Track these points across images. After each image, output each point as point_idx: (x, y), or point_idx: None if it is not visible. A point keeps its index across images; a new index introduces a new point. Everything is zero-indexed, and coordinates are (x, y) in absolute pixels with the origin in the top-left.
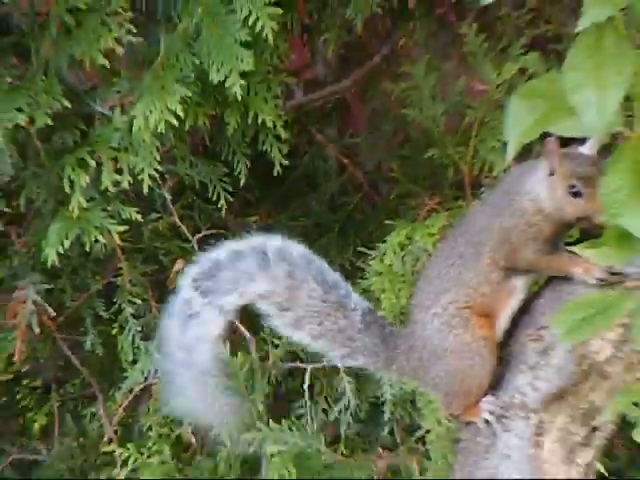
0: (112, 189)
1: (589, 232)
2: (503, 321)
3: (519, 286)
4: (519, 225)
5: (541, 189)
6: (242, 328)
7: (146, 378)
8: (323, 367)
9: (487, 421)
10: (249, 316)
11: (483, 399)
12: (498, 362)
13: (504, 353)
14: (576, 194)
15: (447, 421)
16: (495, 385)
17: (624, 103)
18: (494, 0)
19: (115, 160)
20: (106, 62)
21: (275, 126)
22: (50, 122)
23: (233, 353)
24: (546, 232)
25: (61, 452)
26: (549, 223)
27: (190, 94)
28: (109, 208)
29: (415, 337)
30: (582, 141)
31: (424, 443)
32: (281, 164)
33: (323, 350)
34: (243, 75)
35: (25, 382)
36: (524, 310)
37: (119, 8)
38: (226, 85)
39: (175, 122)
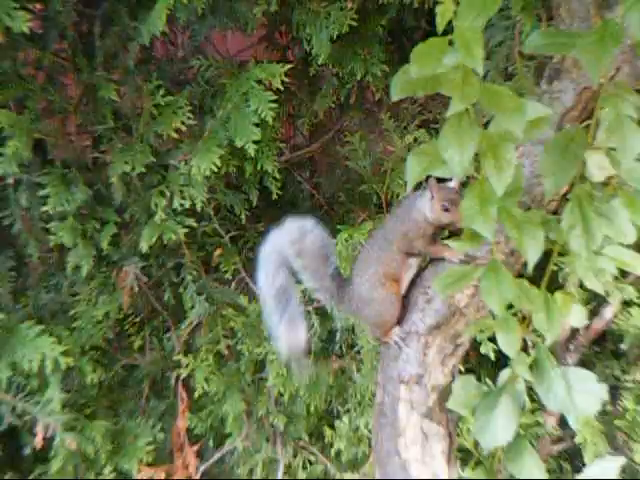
0: (179, 208)
1: (454, 232)
2: (405, 283)
3: (414, 263)
4: (414, 228)
5: (426, 207)
6: (254, 287)
7: (199, 317)
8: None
9: (396, 342)
10: None
11: (393, 329)
12: (402, 307)
13: (406, 302)
14: (446, 210)
15: (373, 341)
16: (400, 320)
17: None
18: (399, 98)
19: (181, 192)
20: (176, 135)
21: (273, 171)
22: (143, 170)
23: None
24: (429, 232)
25: (150, 360)
26: (431, 227)
27: (224, 153)
28: (177, 219)
29: (354, 291)
30: (450, 180)
31: (360, 354)
32: (277, 193)
33: (305, 281)
34: (255, 142)
35: (129, 319)
36: (417, 276)
37: (183, 105)
38: (245, 148)
39: (215, 169)
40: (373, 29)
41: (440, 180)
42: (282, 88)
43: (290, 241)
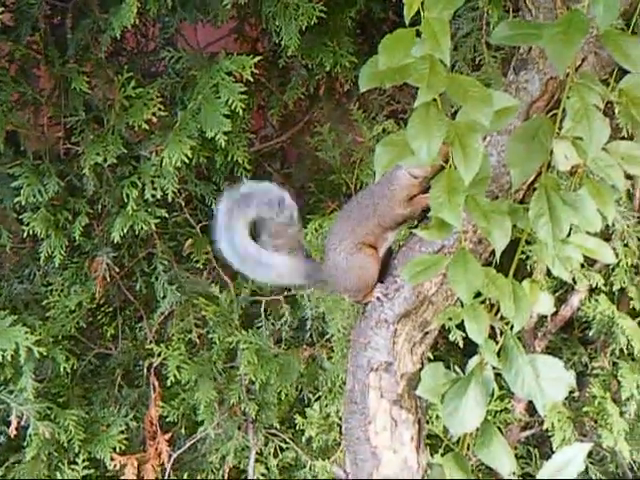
0: (151, 199)
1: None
2: (381, 252)
3: (390, 237)
4: (399, 193)
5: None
6: (224, 276)
7: (171, 306)
8: (273, 299)
9: (378, 298)
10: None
11: (375, 288)
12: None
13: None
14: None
15: (343, 329)
16: (380, 278)
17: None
18: (368, 89)
19: (152, 182)
20: (147, 127)
21: (244, 162)
22: (115, 161)
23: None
24: (415, 192)
25: (122, 348)
26: (417, 185)
27: (194, 144)
28: (149, 210)
29: (329, 264)
30: None
31: (330, 342)
32: None
33: (278, 263)
34: (225, 133)
35: (102, 309)
36: (386, 264)
37: (154, 96)
38: (216, 139)
39: (187, 160)
40: (342, 21)
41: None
42: (252, 79)
43: (270, 214)
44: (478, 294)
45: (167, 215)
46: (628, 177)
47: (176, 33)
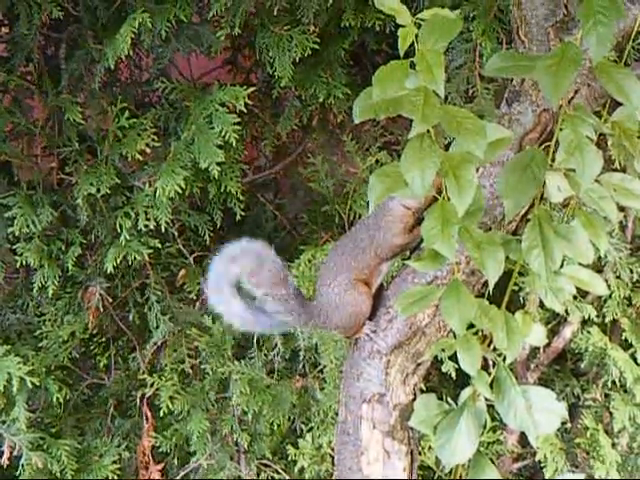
0: (144, 229)
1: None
2: (375, 287)
3: (384, 269)
4: (393, 225)
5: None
6: None
7: (164, 336)
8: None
9: (367, 334)
10: None
11: (364, 325)
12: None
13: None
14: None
15: (336, 360)
16: (370, 315)
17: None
18: (361, 120)
19: (145, 212)
20: (140, 157)
21: (237, 192)
22: (108, 191)
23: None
24: (411, 222)
25: (115, 379)
26: (412, 216)
27: (188, 175)
28: (142, 240)
29: (321, 301)
30: None
31: (323, 373)
32: (240, 214)
33: (271, 308)
34: (219, 164)
35: (95, 339)
36: (378, 296)
37: (147, 127)
38: (209, 169)
39: (180, 191)
40: (335, 52)
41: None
42: (245, 110)
43: (248, 274)
44: (471, 325)
45: (160, 245)
46: (621, 209)
47: (170, 64)
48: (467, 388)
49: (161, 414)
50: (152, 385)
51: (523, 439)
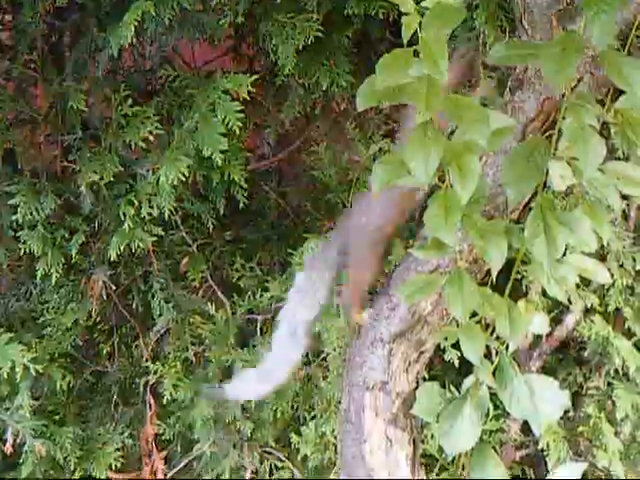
0: (147, 217)
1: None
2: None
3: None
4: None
5: None
6: (220, 294)
7: (167, 324)
8: (268, 318)
9: (370, 323)
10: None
11: (364, 312)
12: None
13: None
14: None
15: (339, 348)
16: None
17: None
18: (365, 108)
19: (149, 200)
20: (144, 145)
21: (240, 180)
22: (112, 179)
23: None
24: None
25: (118, 366)
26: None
27: (191, 163)
28: (145, 228)
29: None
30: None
31: (326, 361)
32: (243, 202)
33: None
34: (222, 152)
35: (98, 327)
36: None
37: (151, 115)
38: (212, 157)
39: (183, 179)
40: (339, 40)
41: None
42: (249, 98)
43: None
44: (474, 314)
45: (163, 233)
46: (624, 197)
47: (173, 52)
48: (470, 376)
49: (164, 402)
50: (155, 373)
51: (526, 427)
